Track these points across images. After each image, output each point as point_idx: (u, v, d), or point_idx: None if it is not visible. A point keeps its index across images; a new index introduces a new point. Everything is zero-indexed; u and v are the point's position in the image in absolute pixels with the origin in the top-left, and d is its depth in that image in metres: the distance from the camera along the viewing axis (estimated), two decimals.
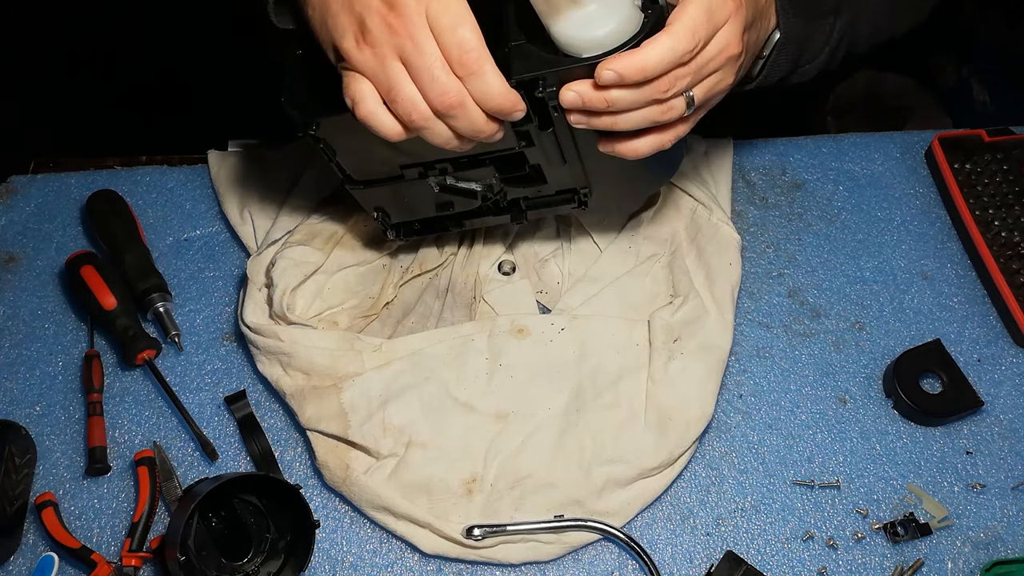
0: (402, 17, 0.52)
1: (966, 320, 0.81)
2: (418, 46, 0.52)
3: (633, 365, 0.74)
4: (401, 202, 0.71)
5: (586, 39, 0.55)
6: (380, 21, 0.53)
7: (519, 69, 0.56)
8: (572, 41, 0.55)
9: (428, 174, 0.66)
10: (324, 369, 0.72)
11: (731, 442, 0.75)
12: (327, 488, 0.72)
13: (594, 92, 0.56)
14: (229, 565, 0.67)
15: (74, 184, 0.88)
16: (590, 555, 0.69)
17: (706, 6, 0.55)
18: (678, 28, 0.54)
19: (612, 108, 0.56)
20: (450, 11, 0.52)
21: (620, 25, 0.55)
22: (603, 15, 0.55)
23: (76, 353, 0.78)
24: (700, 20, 0.55)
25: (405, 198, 0.71)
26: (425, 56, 0.52)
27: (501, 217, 0.75)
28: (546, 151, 0.65)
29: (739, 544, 0.70)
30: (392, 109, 0.55)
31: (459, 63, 0.52)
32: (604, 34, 0.55)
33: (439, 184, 0.67)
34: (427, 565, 0.69)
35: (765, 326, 0.81)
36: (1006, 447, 0.75)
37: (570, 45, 0.56)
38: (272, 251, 0.76)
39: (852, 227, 0.87)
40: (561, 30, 0.55)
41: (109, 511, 0.70)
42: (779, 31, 0.67)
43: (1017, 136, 0.90)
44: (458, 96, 0.53)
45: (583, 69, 0.55)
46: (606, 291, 0.79)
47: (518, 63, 0.56)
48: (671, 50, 0.54)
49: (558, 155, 0.65)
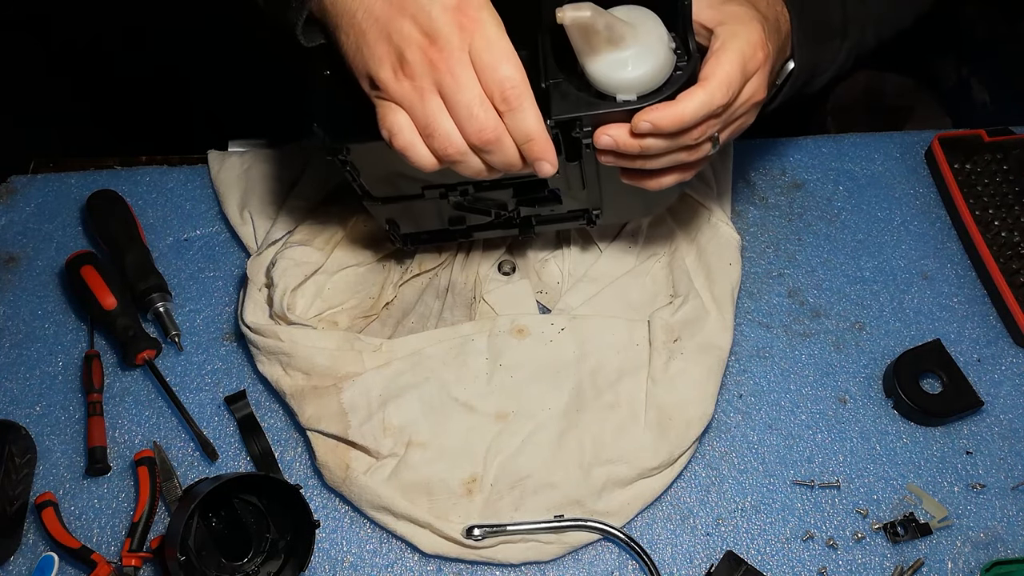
0: (443, 52, 0.52)
1: (966, 320, 0.81)
2: (458, 82, 0.52)
3: (633, 365, 0.74)
4: (413, 215, 0.72)
5: (622, 80, 0.57)
6: (421, 55, 0.52)
7: (558, 109, 0.57)
8: (608, 81, 0.57)
9: (448, 195, 0.67)
10: (324, 369, 0.72)
11: (731, 442, 0.75)
12: (327, 488, 0.72)
13: (629, 138, 0.57)
14: (229, 565, 0.67)
15: (74, 184, 0.88)
16: (590, 555, 0.69)
17: (740, 60, 0.57)
18: (714, 83, 0.56)
19: (644, 153, 0.58)
20: (493, 48, 0.51)
21: (655, 69, 0.57)
22: (640, 58, 0.56)
23: (76, 353, 0.78)
24: (735, 74, 0.57)
25: (418, 212, 0.71)
26: (465, 92, 0.52)
27: (510, 231, 0.76)
28: (568, 178, 0.66)
29: (739, 544, 0.70)
30: (428, 143, 0.55)
31: (501, 99, 0.52)
32: (639, 77, 0.56)
33: (456, 203, 0.68)
34: (427, 565, 0.69)
35: (765, 326, 0.81)
36: (1006, 447, 0.75)
37: (605, 84, 0.57)
38: (272, 251, 0.76)
39: (852, 227, 0.87)
40: (598, 70, 0.57)
41: (109, 511, 0.70)
42: (793, 61, 0.67)
43: (1017, 136, 0.90)
44: (495, 133, 0.53)
45: (620, 114, 0.57)
46: (606, 291, 0.79)
47: (557, 103, 0.57)
48: (706, 104, 0.56)
49: (579, 183, 0.67)
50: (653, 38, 0.57)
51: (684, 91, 0.56)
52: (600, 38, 0.56)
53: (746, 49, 0.58)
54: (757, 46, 0.58)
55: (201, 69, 1.59)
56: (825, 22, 0.70)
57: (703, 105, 0.56)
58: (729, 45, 0.57)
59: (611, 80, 0.57)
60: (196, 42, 1.51)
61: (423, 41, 0.52)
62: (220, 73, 1.43)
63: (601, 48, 0.56)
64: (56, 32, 1.64)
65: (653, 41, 0.57)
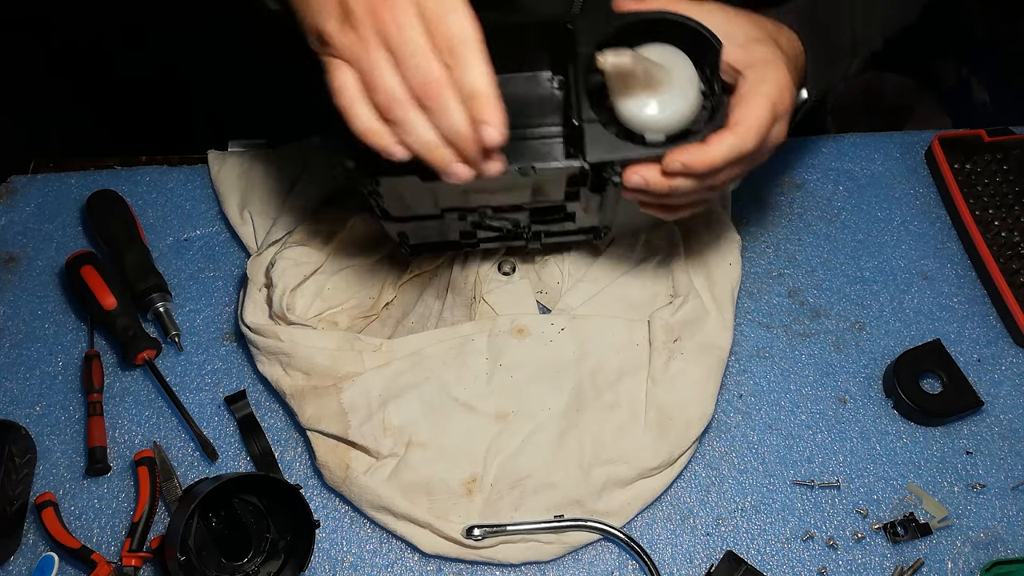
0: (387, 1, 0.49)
1: (966, 320, 0.81)
2: (402, 31, 0.49)
3: (633, 365, 0.74)
4: (426, 230, 0.72)
5: (654, 122, 0.58)
6: (365, 5, 0.50)
7: (594, 152, 0.58)
8: (639, 122, 0.59)
9: (467, 217, 0.67)
10: (324, 369, 0.72)
11: (731, 442, 0.75)
12: (327, 488, 0.72)
13: (659, 179, 0.59)
14: (229, 565, 0.67)
15: (74, 184, 0.88)
16: (590, 555, 0.69)
17: (770, 106, 0.58)
18: (744, 128, 0.57)
19: (672, 192, 0.60)
20: None
21: (686, 111, 0.59)
22: (672, 101, 0.58)
23: (76, 353, 0.78)
24: (765, 120, 0.58)
25: (432, 227, 0.71)
26: (409, 42, 0.49)
27: (516, 242, 0.76)
28: (587, 205, 0.68)
29: (739, 544, 0.70)
30: (371, 99, 0.51)
31: (448, 50, 0.49)
32: (670, 118, 0.58)
33: (474, 223, 0.69)
34: (427, 565, 0.69)
35: (765, 326, 0.81)
36: (1006, 447, 0.75)
37: (636, 124, 0.59)
38: (272, 251, 0.76)
39: (852, 227, 0.87)
40: (630, 110, 0.58)
41: (109, 511, 0.70)
42: (806, 91, 0.68)
43: (1017, 136, 0.90)
44: (438, 84, 0.49)
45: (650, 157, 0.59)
46: (606, 291, 0.79)
47: (592, 144, 0.58)
48: (737, 149, 0.57)
49: (597, 209, 0.68)
50: (684, 80, 0.59)
51: (715, 135, 0.58)
52: (636, 81, 0.57)
53: (775, 95, 0.59)
54: (785, 90, 0.59)
55: (201, 69, 1.59)
56: (836, 44, 0.71)
57: (733, 150, 0.57)
58: (759, 90, 0.58)
59: (643, 121, 0.58)
60: (196, 42, 1.51)
61: None
62: (220, 73, 1.42)
63: (636, 90, 0.58)
64: (56, 32, 1.64)
65: (685, 83, 0.59)
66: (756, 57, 0.60)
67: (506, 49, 0.59)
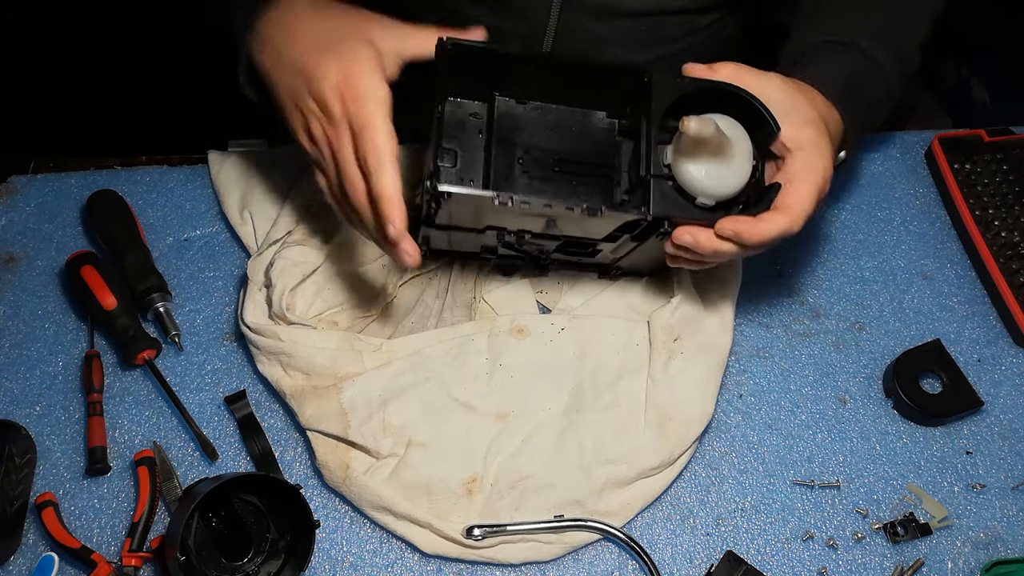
0: (331, 124, 0.60)
1: (966, 320, 0.81)
2: (340, 150, 0.60)
3: (633, 365, 0.74)
4: (456, 239, 0.72)
5: (710, 189, 0.61)
6: (319, 127, 0.61)
7: (657, 207, 0.61)
8: (696, 185, 0.61)
9: (505, 237, 0.68)
10: (324, 369, 0.72)
11: (731, 442, 0.75)
12: (327, 488, 0.72)
13: (709, 241, 0.62)
14: (229, 565, 0.67)
15: (74, 184, 0.88)
16: (590, 555, 0.69)
17: (817, 194, 0.62)
18: (795, 214, 0.61)
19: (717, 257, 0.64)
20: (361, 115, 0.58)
21: (739, 183, 0.62)
22: (730, 173, 0.61)
23: (76, 353, 0.78)
24: (811, 206, 0.62)
25: (464, 239, 0.72)
26: (342, 156, 0.60)
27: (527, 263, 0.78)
28: (618, 248, 0.69)
29: (739, 544, 0.70)
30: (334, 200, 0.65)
31: (364, 161, 0.59)
32: (725, 189, 0.62)
33: (506, 243, 0.70)
34: (427, 565, 0.69)
35: (765, 326, 0.81)
36: (1006, 447, 0.75)
37: (691, 186, 0.61)
38: (272, 251, 0.76)
39: (852, 227, 0.87)
40: (690, 173, 0.61)
41: (109, 511, 0.70)
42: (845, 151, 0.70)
43: (1017, 136, 0.90)
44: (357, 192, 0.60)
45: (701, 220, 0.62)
46: (606, 291, 0.79)
47: (656, 200, 0.61)
48: (786, 230, 0.61)
49: (624, 252, 0.70)
50: (743, 154, 0.62)
51: (768, 214, 0.61)
52: (707, 149, 0.60)
53: (820, 183, 0.62)
54: (827, 179, 0.64)
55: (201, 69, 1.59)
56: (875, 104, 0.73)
57: (783, 230, 0.61)
58: (808, 178, 0.62)
59: (701, 186, 0.61)
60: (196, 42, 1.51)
61: (319, 112, 0.61)
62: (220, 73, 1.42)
63: (703, 157, 0.60)
64: (56, 32, 1.64)
65: (743, 157, 0.62)
66: (805, 140, 0.63)
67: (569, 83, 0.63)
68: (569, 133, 0.65)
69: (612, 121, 0.66)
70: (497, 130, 0.63)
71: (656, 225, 0.62)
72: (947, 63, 1.47)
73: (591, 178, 0.65)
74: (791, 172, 0.62)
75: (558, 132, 0.64)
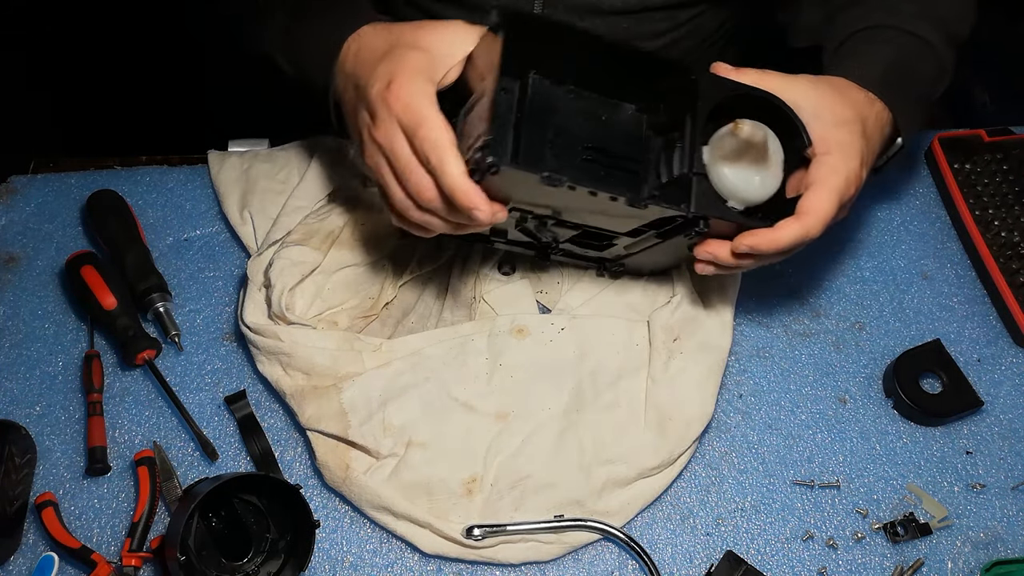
0: (380, 129, 0.58)
1: (966, 320, 0.81)
2: (394, 152, 0.58)
3: (633, 365, 0.74)
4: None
5: (743, 193, 0.61)
6: (369, 135, 0.60)
7: (698, 206, 0.60)
8: (730, 188, 0.61)
9: (527, 221, 0.67)
10: (324, 369, 0.72)
11: (731, 442, 0.75)
12: (327, 488, 0.72)
13: (728, 257, 0.63)
14: (229, 565, 0.67)
15: (74, 184, 0.88)
16: (590, 555, 0.69)
17: (838, 199, 0.61)
18: (812, 219, 0.60)
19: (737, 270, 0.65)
20: (411, 113, 0.56)
21: (772, 191, 0.62)
22: (765, 180, 0.61)
23: (76, 353, 0.78)
24: (831, 211, 0.61)
25: None
26: (400, 159, 0.58)
27: (530, 251, 0.76)
28: (636, 244, 0.69)
29: (739, 544, 0.70)
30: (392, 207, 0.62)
31: (426, 161, 0.56)
32: (758, 193, 0.61)
33: (523, 228, 0.68)
34: (427, 565, 0.69)
35: (765, 326, 0.81)
36: (1006, 447, 0.75)
37: (724, 188, 0.61)
38: (272, 251, 0.76)
39: (852, 227, 0.87)
40: (727, 175, 0.60)
41: (109, 511, 0.70)
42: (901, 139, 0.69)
43: (1017, 136, 0.90)
44: (430, 191, 0.57)
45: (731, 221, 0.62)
46: (606, 291, 0.79)
47: (697, 197, 0.60)
48: (803, 236, 0.60)
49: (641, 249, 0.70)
50: (778, 163, 0.62)
51: (785, 222, 0.61)
52: (749, 155, 0.60)
53: (842, 187, 0.61)
54: (853, 181, 0.62)
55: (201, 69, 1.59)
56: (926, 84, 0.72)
57: (800, 237, 0.60)
58: (830, 182, 0.61)
59: (735, 189, 0.61)
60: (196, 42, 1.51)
61: (370, 122, 0.59)
62: (220, 73, 1.43)
63: (745, 161, 0.60)
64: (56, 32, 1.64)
65: (777, 166, 0.62)
66: (835, 143, 0.62)
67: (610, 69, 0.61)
68: (599, 122, 0.63)
69: (641, 116, 0.64)
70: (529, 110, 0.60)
71: (691, 224, 0.61)
72: None
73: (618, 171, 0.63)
74: (813, 176, 0.62)
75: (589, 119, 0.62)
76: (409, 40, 0.61)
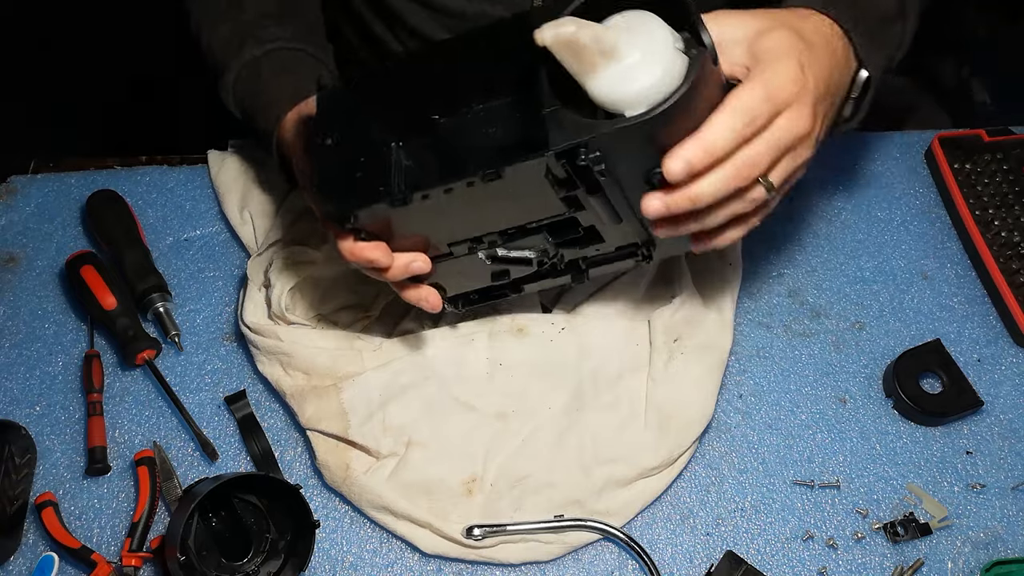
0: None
1: (966, 320, 0.81)
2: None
3: (633, 365, 0.74)
4: (456, 276, 0.68)
5: (628, 94, 0.50)
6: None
7: (556, 139, 0.51)
8: (613, 98, 0.51)
9: (477, 248, 0.63)
10: (324, 369, 0.72)
11: (731, 442, 0.75)
12: (327, 488, 0.72)
13: (676, 196, 0.54)
14: (229, 565, 0.67)
15: (74, 184, 0.88)
16: (590, 555, 0.69)
17: (764, 89, 0.54)
18: (736, 104, 0.53)
19: (697, 205, 0.55)
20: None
21: (664, 75, 0.50)
22: (645, 65, 0.50)
23: (76, 353, 0.78)
24: (757, 100, 0.54)
25: (459, 272, 0.67)
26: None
27: (561, 279, 0.69)
28: (599, 213, 0.59)
29: (739, 544, 0.70)
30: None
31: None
32: (648, 86, 0.50)
33: (490, 256, 0.64)
34: (427, 565, 0.69)
35: (765, 326, 0.81)
36: (1006, 447, 0.75)
37: (612, 103, 0.51)
38: (272, 251, 0.76)
39: (852, 227, 0.87)
40: (600, 87, 0.51)
41: (109, 511, 0.70)
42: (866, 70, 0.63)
43: (1017, 136, 0.90)
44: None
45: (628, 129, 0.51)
46: (606, 291, 0.78)
47: (554, 133, 0.51)
48: (730, 128, 0.53)
49: (613, 215, 0.60)
50: (654, 42, 0.51)
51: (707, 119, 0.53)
52: (591, 52, 0.50)
53: (774, 79, 0.55)
54: (788, 79, 0.55)
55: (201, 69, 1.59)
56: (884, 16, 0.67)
57: (727, 128, 0.53)
58: (755, 77, 0.55)
59: (616, 96, 0.51)
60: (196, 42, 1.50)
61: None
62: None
63: (597, 63, 0.50)
64: (57, 32, 1.64)
65: (655, 45, 0.51)
66: (762, 53, 0.56)
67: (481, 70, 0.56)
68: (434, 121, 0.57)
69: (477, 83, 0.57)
70: (359, 150, 0.57)
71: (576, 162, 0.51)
72: (947, 63, 1.47)
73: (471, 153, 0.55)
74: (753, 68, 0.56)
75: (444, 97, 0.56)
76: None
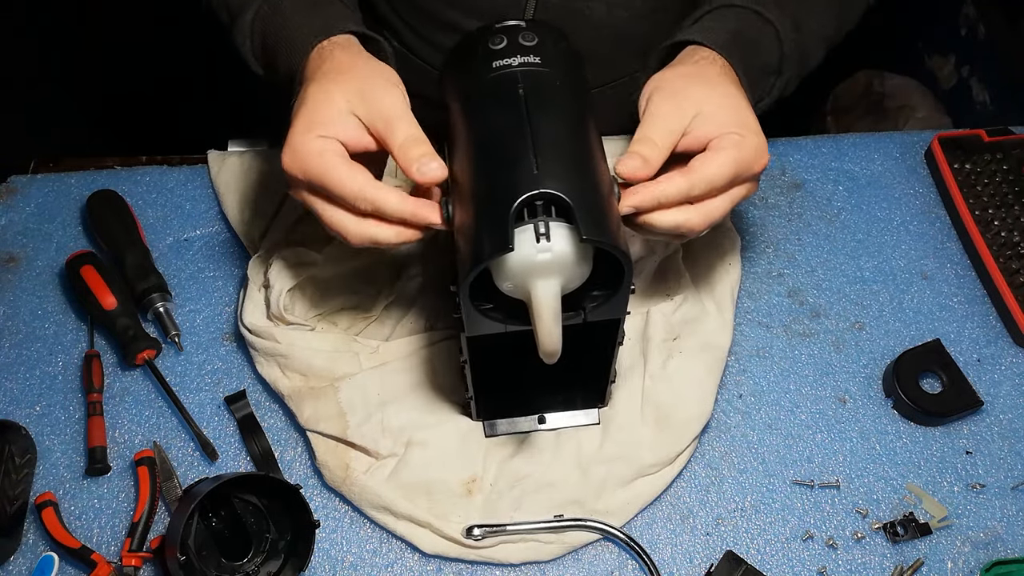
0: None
1: (966, 320, 0.81)
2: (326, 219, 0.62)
3: (631, 364, 0.74)
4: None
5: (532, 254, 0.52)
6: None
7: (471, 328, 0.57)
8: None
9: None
10: (321, 370, 0.72)
11: (731, 442, 0.75)
12: (327, 488, 0.72)
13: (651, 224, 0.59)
14: (229, 565, 0.67)
15: (74, 184, 0.88)
16: (590, 555, 0.69)
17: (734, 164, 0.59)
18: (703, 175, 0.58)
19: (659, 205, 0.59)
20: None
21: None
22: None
23: (76, 353, 0.78)
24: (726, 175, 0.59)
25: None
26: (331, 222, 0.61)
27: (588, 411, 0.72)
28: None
29: (739, 544, 0.70)
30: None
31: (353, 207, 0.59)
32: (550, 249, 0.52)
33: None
34: (427, 565, 0.69)
35: (765, 326, 0.81)
36: (1006, 447, 0.75)
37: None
38: (272, 251, 0.76)
39: (852, 227, 0.87)
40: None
41: (109, 511, 0.70)
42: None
43: (1017, 136, 0.90)
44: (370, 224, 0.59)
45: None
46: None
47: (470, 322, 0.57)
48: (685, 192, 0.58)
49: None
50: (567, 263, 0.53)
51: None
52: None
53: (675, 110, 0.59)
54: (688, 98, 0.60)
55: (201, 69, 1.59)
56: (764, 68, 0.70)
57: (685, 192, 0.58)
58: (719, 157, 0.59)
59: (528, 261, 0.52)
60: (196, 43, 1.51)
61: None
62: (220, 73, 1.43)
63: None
64: (57, 32, 1.64)
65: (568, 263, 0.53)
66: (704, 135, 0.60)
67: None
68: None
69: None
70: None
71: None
72: (947, 63, 1.47)
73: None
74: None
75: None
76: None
